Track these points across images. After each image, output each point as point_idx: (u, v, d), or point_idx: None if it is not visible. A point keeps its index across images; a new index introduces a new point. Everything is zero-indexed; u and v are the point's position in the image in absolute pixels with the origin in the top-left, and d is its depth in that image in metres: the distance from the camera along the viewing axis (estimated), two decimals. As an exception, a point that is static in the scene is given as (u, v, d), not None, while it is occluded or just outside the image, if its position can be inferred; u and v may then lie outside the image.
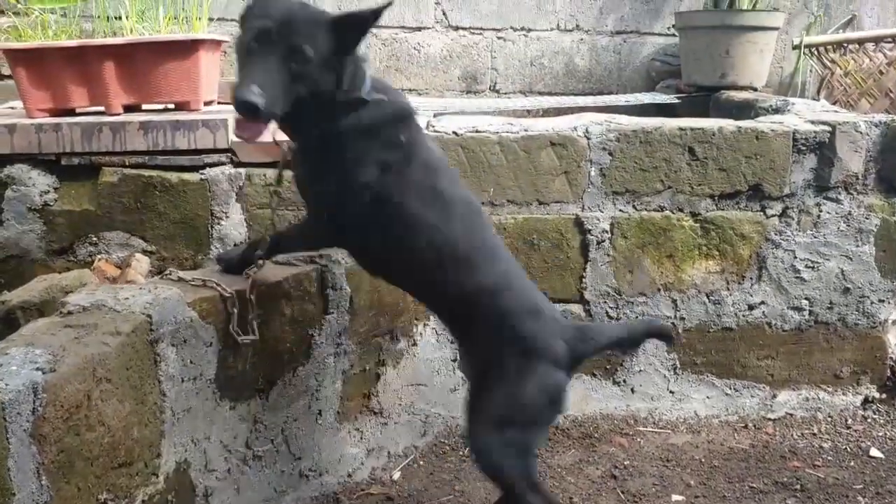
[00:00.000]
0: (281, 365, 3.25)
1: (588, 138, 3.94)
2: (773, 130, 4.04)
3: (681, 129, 3.99)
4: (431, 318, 3.98)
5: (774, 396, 4.26)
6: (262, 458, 3.17)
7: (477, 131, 3.87)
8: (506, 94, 6.52)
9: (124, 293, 2.64)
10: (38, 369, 2.01)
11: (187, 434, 2.78)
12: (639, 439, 4.00)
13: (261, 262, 3.09)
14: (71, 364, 2.12)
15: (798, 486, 3.60)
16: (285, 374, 3.28)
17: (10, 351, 2.11)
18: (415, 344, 3.96)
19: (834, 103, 5.47)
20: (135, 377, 2.43)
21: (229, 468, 3.03)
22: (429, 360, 4.01)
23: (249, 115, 2.20)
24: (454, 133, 3.85)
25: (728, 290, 4.15)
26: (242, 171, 4.07)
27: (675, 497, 3.51)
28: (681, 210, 4.06)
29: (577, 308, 4.09)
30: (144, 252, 4.05)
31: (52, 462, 2.00)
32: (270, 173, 4.10)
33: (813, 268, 4.15)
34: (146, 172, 4.05)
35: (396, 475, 3.58)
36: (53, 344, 2.21)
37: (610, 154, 3.96)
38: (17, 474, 1.85)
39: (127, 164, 4.05)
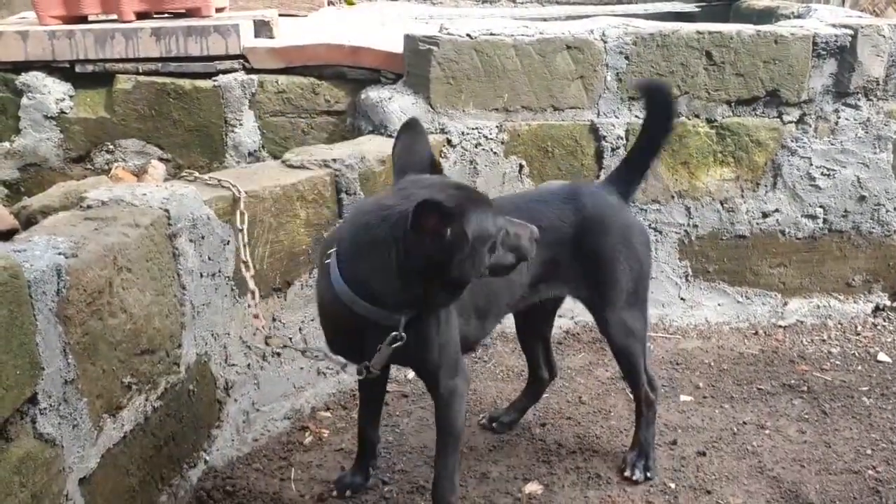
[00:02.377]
0: (297, 266, 3.31)
1: (604, 42, 3.89)
2: (792, 34, 3.96)
3: (698, 32, 3.92)
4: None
5: (786, 304, 4.30)
6: (281, 355, 3.26)
7: (492, 34, 3.82)
8: (522, 3, 6.40)
9: (142, 189, 2.69)
10: (60, 254, 2.07)
11: (207, 328, 2.86)
12: (649, 344, 4.05)
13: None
14: (92, 251, 2.18)
15: (805, 388, 3.66)
16: (302, 275, 3.34)
17: (33, 238, 2.17)
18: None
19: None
20: (154, 269, 2.49)
21: (249, 363, 3.13)
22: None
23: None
24: (468, 36, 3.80)
25: (742, 197, 4.14)
26: (255, 77, 4.08)
27: (683, 397, 3.59)
28: (696, 116, 4.03)
29: (590, 215, 4.10)
30: (160, 160, 4.09)
31: (77, 343, 2.07)
32: (283, 80, 4.10)
33: (829, 175, 4.13)
34: (160, 79, 4.07)
35: (410, 374, 3.67)
36: (75, 234, 2.26)
37: (626, 58, 3.91)
38: (45, 351, 1.92)
39: (140, 71, 4.06)
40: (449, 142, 3.85)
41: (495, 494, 2.90)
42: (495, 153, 3.92)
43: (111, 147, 4.12)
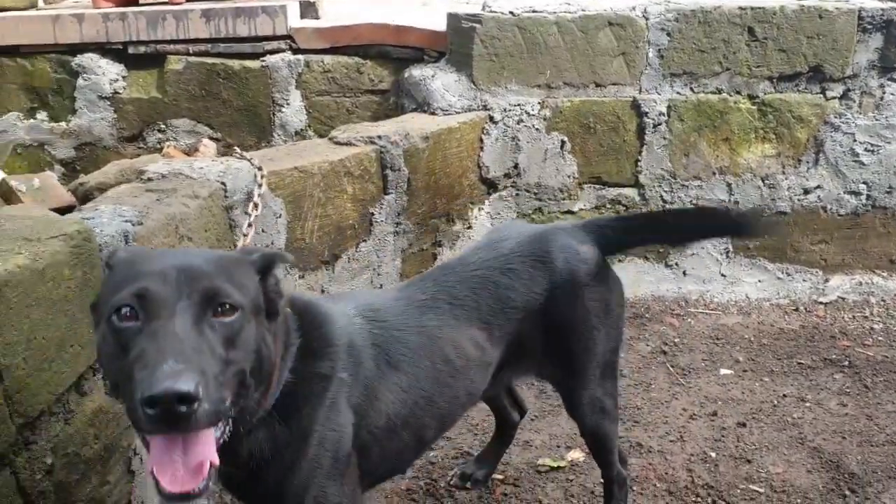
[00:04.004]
0: (344, 240, 3.40)
1: (646, 18, 3.90)
2: (837, 9, 3.94)
3: (741, 8, 3.91)
4: (486, 202, 4.08)
5: (827, 281, 4.29)
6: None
7: (534, 11, 3.86)
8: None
9: (199, 163, 2.80)
10: (126, 221, 2.18)
11: (260, 298, 2.96)
12: (689, 319, 4.10)
13: None
14: (156, 220, 2.29)
15: (846, 363, 3.67)
16: (349, 249, 3.43)
17: (99, 207, 2.29)
18: (470, 227, 4.07)
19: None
20: (212, 239, 2.60)
21: (298, 333, 3.23)
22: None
23: (181, 420, 1.30)
24: (511, 13, 3.85)
25: (784, 173, 4.14)
26: (301, 57, 4.17)
27: (723, 371, 3.62)
28: (738, 92, 4.03)
29: (631, 192, 4.13)
30: (210, 139, 4.21)
31: (143, 306, 2.18)
32: (329, 60, 4.19)
33: (873, 151, 4.10)
34: (209, 60, 4.18)
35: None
36: (138, 203, 2.37)
37: (668, 35, 3.92)
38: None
39: (191, 52, 4.18)
40: (491, 118, 3.91)
41: (539, 461, 2.98)
42: (537, 129, 3.97)
43: (163, 126, 4.24)
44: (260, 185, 2.83)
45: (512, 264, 2.21)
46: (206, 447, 1.38)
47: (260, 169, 2.87)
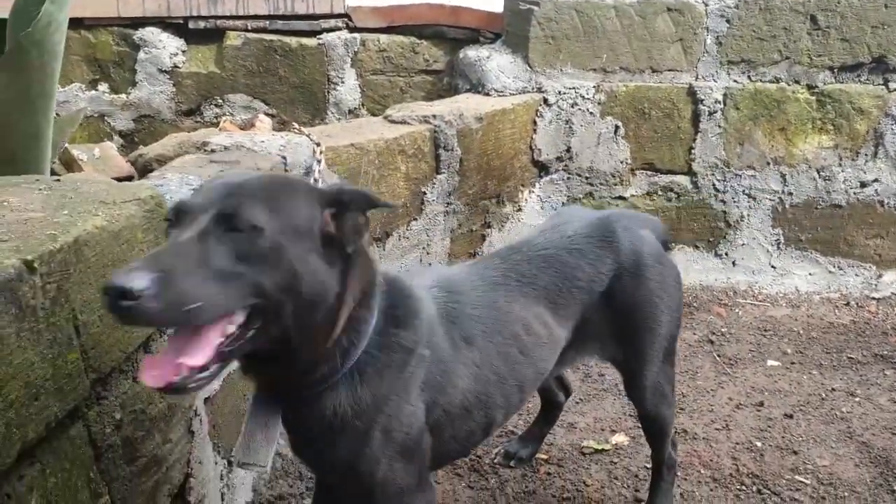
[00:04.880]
0: (396, 217, 3.44)
1: (706, 4, 3.86)
2: (904, -2, 3.86)
3: (804, -5, 3.86)
4: (537, 185, 4.09)
5: (880, 276, 4.23)
6: (379, 302, 3.40)
7: (592, -6, 3.86)
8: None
9: (260, 137, 2.85)
10: (193, 189, 2.23)
11: (314, 271, 3.01)
12: (737, 310, 4.07)
13: None
14: (221, 190, 2.33)
15: (898, 360, 3.63)
16: (400, 227, 3.47)
17: (167, 175, 2.35)
18: (520, 209, 4.08)
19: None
20: (272, 211, 2.65)
21: (349, 307, 3.28)
22: (532, 225, 4.13)
23: (126, 314, 1.35)
24: (569, -4, 3.85)
25: (840, 165, 4.07)
26: (357, 36, 4.20)
27: (770, 362, 3.60)
28: (797, 82, 3.97)
29: (683, 179, 4.11)
30: (266, 115, 4.27)
31: (207, 273, 2.24)
32: (384, 39, 4.22)
33: (934, 145, 4.02)
34: (267, 37, 4.23)
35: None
36: (202, 174, 2.43)
37: (728, 21, 3.88)
38: (182, 277, 2.10)
39: (249, 28, 4.24)
40: (545, 101, 3.91)
41: (583, 443, 3.00)
42: (591, 113, 3.96)
43: (220, 101, 4.32)
44: (319, 161, 2.88)
45: (578, 245, 2.22)
46: (194, 351, 1.44)
47: (318, 145, 2.92)
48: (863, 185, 4.10)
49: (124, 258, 1.84)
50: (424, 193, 3.55)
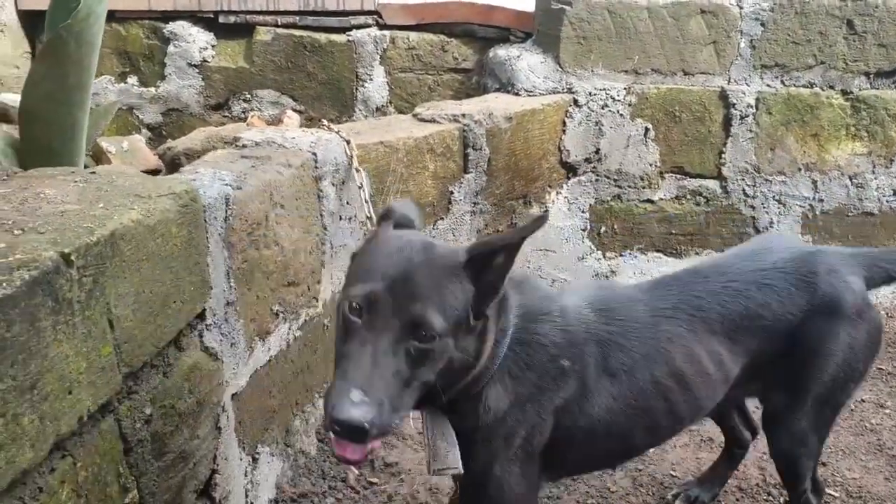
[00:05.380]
0: (424, 216, 3.42)
1: (740, 7, 3.81)
2: (943, 4, 3.79)
3: (841, 0, 3.79)
4: (564, 186, 4.05)
5: (912, 286, 4.16)
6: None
7: (625, -5, 3.82)
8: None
9: (291, 133, 2.84)
10: (227, 185, 2.22)
11: (342, 269, 3.00)
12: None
13: None
14: (253, 185, 2.33)
15: (929, 372, 3.57)
16: (427, 226, 3.45)
17: (199, 170, 2.34)
18: (546, 211, 4.05)
19: None
20: (302, 207, 2.64)
21: (375, 306, 3.27)
22: (559, 227, 4.11)
23: (355, 437, 1.52)
24: (601, -3, 3.81)
25: (873, 173, 4.01)
26: (387, 33, 4.19)
27: (799, 371, 3.55)
28: (831, 87, 3.91)
29: (713, 184, 4.06)
30: (294, 111, 4.26)
31: (238, 268, 2.24)
32: (414, 36, 4.20)
33: (971, 154, 3.95)
34: (297, 32, 4.23)
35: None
36: (234, 169, 2.42)
37: (762, 25, 3.83)
38: (214, 272, 2.09)
39: (279, 23, 4.23)
40: (575, 101, 3.88)
41: (608, 447, 2.97)
42: (621, 115, 3.93)
43: (248, 96, 4.32)
44: (359, 172, 2.87)
45: (771, 280, 2.10)
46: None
47: (349, 142, 2.91)
48: (896, 193, 4.04)
49: (158, 253, 1.84)
50: (452, 193, 3.53)
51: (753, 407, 2.57)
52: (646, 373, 1.95)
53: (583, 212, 4.09)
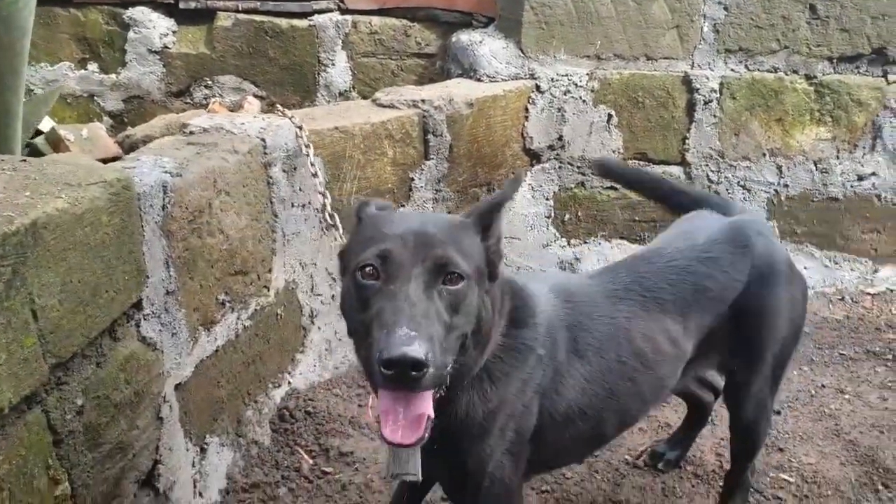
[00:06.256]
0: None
1: (703, -9, 3.79)
2: (906, -12, 3.78)
3: (804, -16, 3.78)
4: (529, 174, 4.03)
5: (876, 271, 4.17)
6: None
7: (587, -21, 3.78)
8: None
9: (240, 119, 2.80)
10: (166, 172, 2.19)
11: (296, 257, 2.98)
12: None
13: None
14: (194, 172, 2.29)
15: (890, 357, 3.57)
16: (386, 213, 3.42)
17: (140, 157, 2.30)
18: (511, 199, 4.01)
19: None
20: (250, 195, 2.60)
21: (333, 294, 3.24)
22: (524, 215, 4.08)
23: (413, 379, 1.42)
24: (563, -19, 3.77)
25: (838, 158, 4.00)
26: (349, 17, 4.14)
27: (760, 357, 3.55)
28: (795, 72, 3.90)
29: (676, 170, 4.04)
30: (255, 96, 4.21)
31: (178, 257, 2.20)
32: (376, 21, 4.15)
33: (934, 139, 3.95)
34: (258, 18, 4.17)
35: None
36: (178, 156, 2.38)
37: (725, 9, 3.80)
38: (150, 261, 2.06)
39: (240, 9, 4.17)
40: (538, 87, 3.84)
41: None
42: (584, 101, 3.90)
43: (209, 83, 4.26)
44: (308, 146, 2.83)
45: (711, 253, 2.14)
46: (426, 403, 1.53)
47: (300, 128, 2.87)
48: (860, 178, 4.03)
49: (87, 242, 1.80)
50: (412, 179, 3.50)
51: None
52: (611, 353, 1.98)
53: (547, 199, 4.07)
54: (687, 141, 3.98)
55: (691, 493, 2.72)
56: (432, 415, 1.54)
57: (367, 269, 1.57)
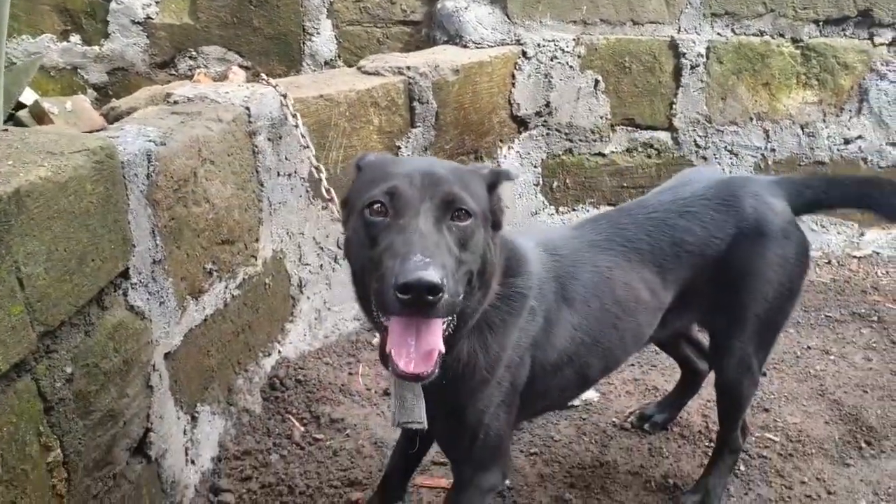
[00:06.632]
0: (370, 172, 3.38)
1: (689, -46, 3.77)
2: (892, -51, 3.77)
3: (790, -54, 3.76)
4: (516, 141, 4.02)
5: (862, 234, 4.20)
6: (352, 258, 3.37)
7: (572, -57, 3.75)
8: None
9: (224, 88, 2.79)
10: (150, 141, 2.18)
11: (283, 226, 2.98)
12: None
13: None
14: (179, 141, 2.29)
15: (875, 318, 3.61)
16: (374, 182, 3.42)
17: (124, 127, 2.29)
18: (499, 165, 4.02)
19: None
20: (235, 164, 2.60)
21: (321, 264, 3.25)
22: (512, 183, 4.07)
23: (429, 304, 1.44)
24: (548, -55, 3.75)
25: (824, 122, 4.01)
26: (334, -15, 4.10)
27: (747, 320, 3.58)
28: (781, 35, 3.89)
29: (664, 135, 4.05)
30: (240, 66, 4.18)
31: (164, 226, 2.20)
32: (361, -11, 4.11)
33: (919, 102, 3.96)
34: (241, -14, 4.13)
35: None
36: (162, 125, 2.37)
37: (711, -28, 3.79)
38: (136, 230, 2.06)
39: (223, -23, 4.12)
40: (524, 53, 3.83)
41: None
42: (571, 67, 3.89)
43: (194, 53, 4.23)
44: (295, 116, 2.82)
45: (692, 208, 2.16)
46: (436, 337, 1.55)
47: (285, 96, 2.85)
48: (846, 141, 4.05)
49: (71, 210, 1.80)
50: (399, 147, 3.49)
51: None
52: (596, 301, 2.04)
53: (535, 166, 4.07)
54: (674, 106, 3.98)
55: (678, 454, 2.76)
56: (443, 350, 1.56)
57: (376, 206, 1.59)
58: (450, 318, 1.62)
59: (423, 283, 1.40)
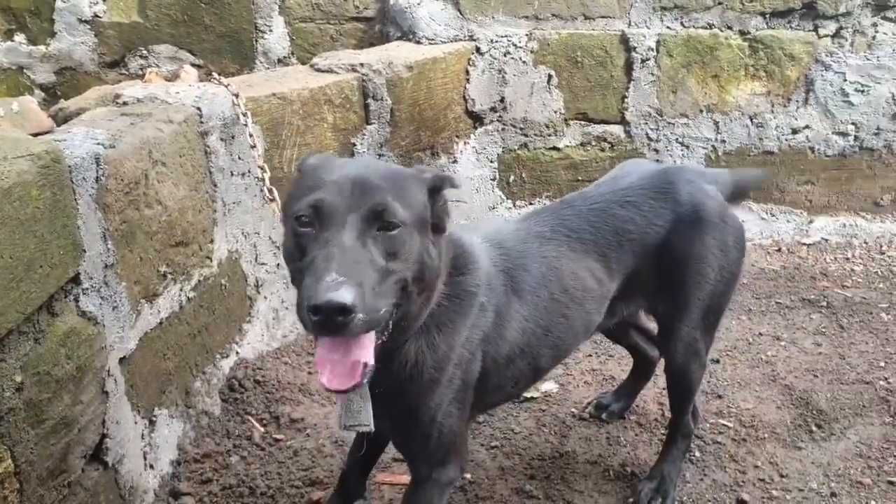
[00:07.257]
0: (325, 170, 3.37)
1: (638, -51, 3.82)
2: (834, -57, 3.86)
3: (736, -60, 3.83)
4: (471, 136, 4.04)
5: (811, 222, 4.30)
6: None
7: (522, -61, 3.77)
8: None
9: (175, 88, 2.75)
10: (98, 144, 2.15)
11: (238, 226, 2.96)
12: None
13: None
14: (128, 143, 2.26)
15: (824, 304, 3.70)
16: (329, 180, 3.41)
17: (71, 129, 2.26)
18: (455, 161, 4.04)
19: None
20: (187, 165, 2.57)
21: (278, 263, 3.23)
22: (469, 178, 4.10)
23: (340, 325, 1.46)
24: (498, -59, 3.76)
25: (772, 112, 4.10)
26: (285, -18, 4.07)
27: (701, 308, 3.65)
28: (729, 28, 3.96)
29: (617, 129, 4.10)
30: (192, 65, 4.13)
31: (116, 230, 2.18)
32: (313, -14, 4.09)
33: (863, 91, 4.06)
34: (191, -17, 4.08)
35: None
36: (111, 127, 2.34)
37: (659, -34, 3.84)
38: (86, 235, 2.03)
39: (172, -26, 4.07)
40: (478, 49, 3.85)
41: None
42: (524, 62, 3.91)
43: (144, 52, 4.17)
44: (245, 115, 2.80)
45: (631, 197, 2.22)
46: (363, 349, 1.57)
47: (237, 96, 2.83)
48: (794, 131, 4.14)
49: (17, 217, 1.77)
50: (354, 145, 3.49)
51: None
52: (544, 291, 2.07)
53: (491, 161, 4.10)
54: (626, 100, 4.03)
55: (635, 442, 2.80)
56: (370, 362, 1.58)
57: (303, 218, 1.61)
58: (380, 328, 1.61)
59: (332, 304, 1.43)
